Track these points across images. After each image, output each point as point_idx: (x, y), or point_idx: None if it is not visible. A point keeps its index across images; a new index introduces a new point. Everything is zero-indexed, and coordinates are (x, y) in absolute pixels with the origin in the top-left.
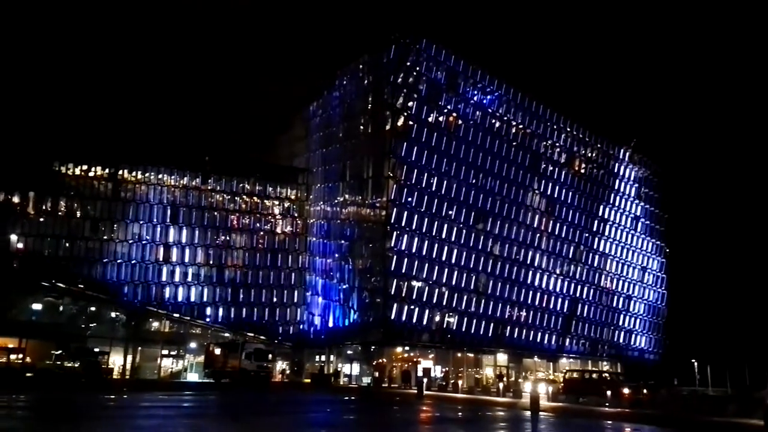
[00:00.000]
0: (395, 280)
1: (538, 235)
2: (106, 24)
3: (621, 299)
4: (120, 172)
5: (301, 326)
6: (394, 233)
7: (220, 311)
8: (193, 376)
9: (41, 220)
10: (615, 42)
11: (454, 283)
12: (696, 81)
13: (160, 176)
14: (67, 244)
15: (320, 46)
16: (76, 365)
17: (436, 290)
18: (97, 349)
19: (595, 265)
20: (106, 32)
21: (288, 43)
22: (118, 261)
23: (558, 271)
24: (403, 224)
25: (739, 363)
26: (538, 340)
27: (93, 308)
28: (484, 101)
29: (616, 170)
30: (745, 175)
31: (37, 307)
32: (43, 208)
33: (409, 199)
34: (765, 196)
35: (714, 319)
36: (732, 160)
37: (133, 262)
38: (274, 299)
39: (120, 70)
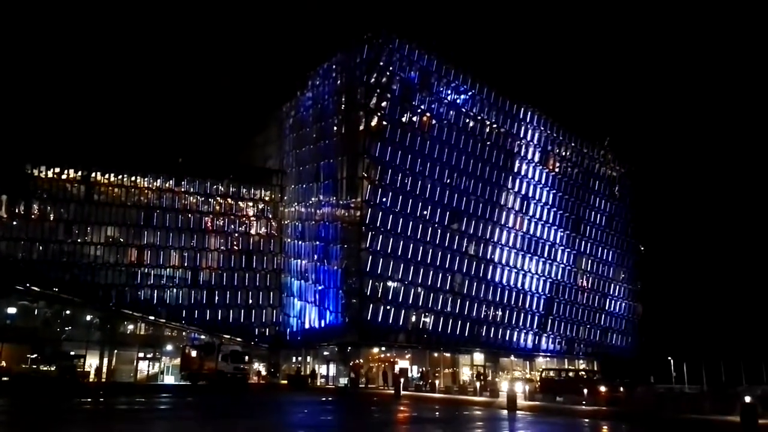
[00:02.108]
0: (371, 281)
1: (513, 234)
2: (77, 27)
3: (597, 297)
4: (93, 174)
5: (278, 328)
6: (369, 234)
7: (196, 313)
8: (169, 379)
9: (14, 223)
10: (588, 41)
11: (429, 283)
12: (669, 80)
13: (133, 178)
14: (41, 248)
15: (292, 47)
16: (52, 369)
17: (412, 290)
18: (72, 353)
19: (571, 263)
20: (76, 35)
21: (260, 45)
22: (93, 264)
23: (533, 270)
24: (378, 225)
25: (714, 360)
26: (515, 339)
27: (68, 311)
28: (458, 100)
29: (590, 169)
30: (717, 174)
31: (11, 311)
32: (16, 211)
33: (384, 199)
34: (738, 193)
35: (689, 316)
36: (704, 158)
37: (107, 265)
38: (250, 301)
39: (92, 73)
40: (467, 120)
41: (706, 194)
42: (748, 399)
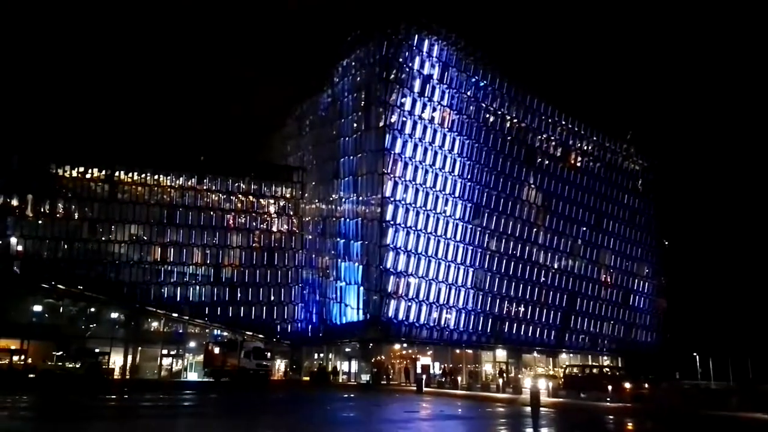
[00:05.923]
0: (392, 277)
1: (535, 229)
2: (100, 26)
3: (620, 293)
4: (116, 173)
5: (299, 324)
6: (390, 230)
7: (219, 310)
8: (192, 375)
9: (40, 222)
10: (609, 34)
11: (451, 279)
12: (692, 73)
13: (155, 177)
14: (66, 246)
15: (311, 44)
16: (77, 366)
17: (433, 286)
18: (97, 350)
19: (594, 259)
20: (100, 35)
21: (279, 43)
22: (117, 262)
23: (556, 266)
24: (398, 221)
25: (741, 355)
26: (537, 335)
27: (93, 309)
28: (478, 95)
29: (612, 163)
30: (742, 167)
31: (37, 308)
32: (41, 210)
33: (405, 195)
34: (762, 187)
35: (715, 311)
36: (728, 151)
37: (131, 262)
38: (272, 298)
39: (115, 72)
40: (487, 115)
41: (731, 187)
42: None
